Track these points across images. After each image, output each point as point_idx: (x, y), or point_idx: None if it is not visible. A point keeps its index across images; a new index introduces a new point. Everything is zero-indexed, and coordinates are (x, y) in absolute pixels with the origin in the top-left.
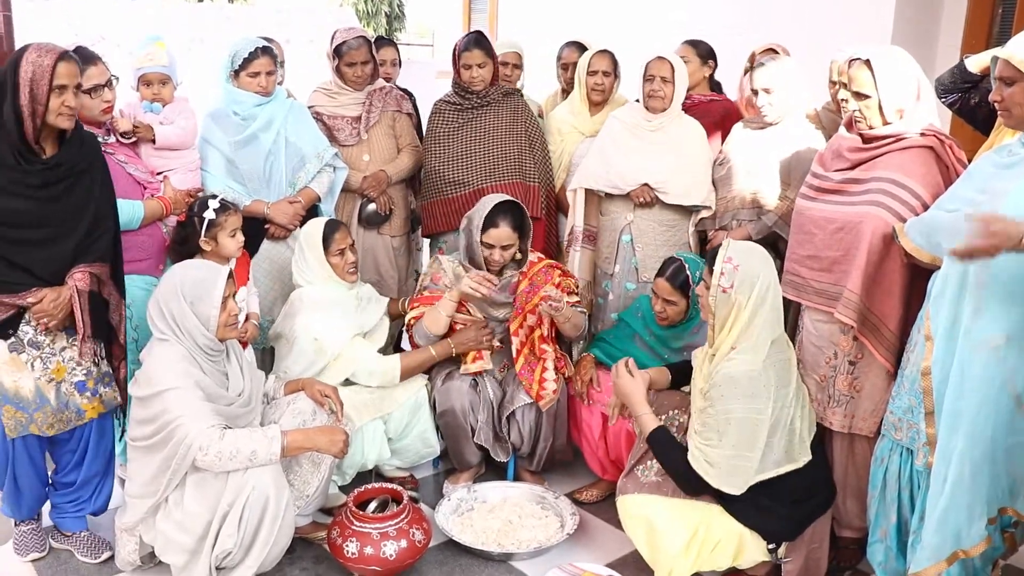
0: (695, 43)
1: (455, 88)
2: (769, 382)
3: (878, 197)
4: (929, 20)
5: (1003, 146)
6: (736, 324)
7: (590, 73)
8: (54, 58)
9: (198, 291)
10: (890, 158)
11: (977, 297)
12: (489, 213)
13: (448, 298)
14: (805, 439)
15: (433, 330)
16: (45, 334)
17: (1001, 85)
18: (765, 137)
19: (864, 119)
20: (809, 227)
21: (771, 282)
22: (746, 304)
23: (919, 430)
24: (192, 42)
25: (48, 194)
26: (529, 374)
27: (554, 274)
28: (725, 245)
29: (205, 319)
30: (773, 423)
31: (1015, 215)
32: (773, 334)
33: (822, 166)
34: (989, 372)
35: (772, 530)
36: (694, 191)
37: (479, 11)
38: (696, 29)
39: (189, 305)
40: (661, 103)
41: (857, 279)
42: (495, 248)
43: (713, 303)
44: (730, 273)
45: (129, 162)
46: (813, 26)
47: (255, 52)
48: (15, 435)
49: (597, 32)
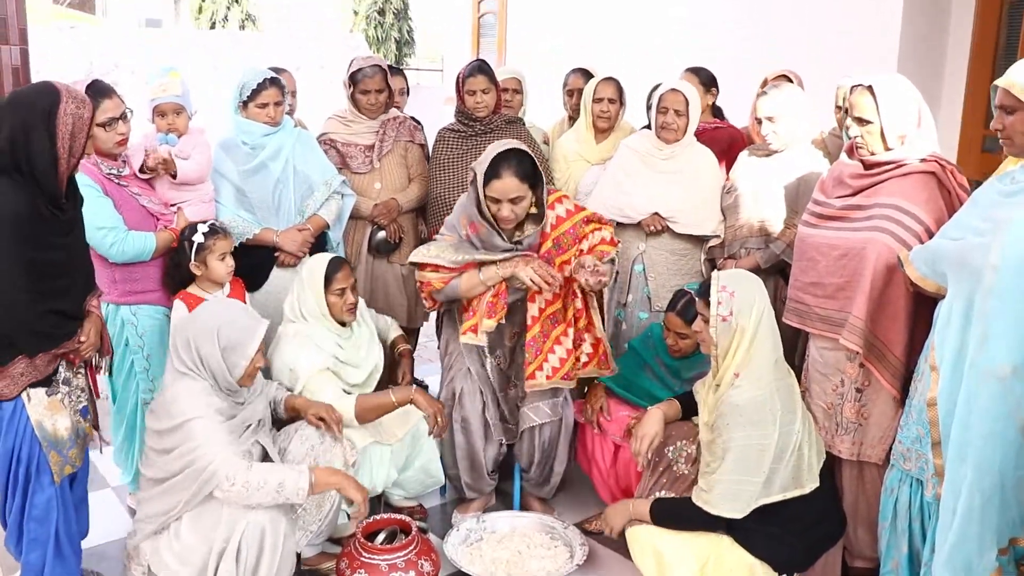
0: (697, 71)
1: (458, 116)
2: (775, 408)
3: (881, 223)
4: (935, 44)
5: (1006, 173)
6: (739, 350)
7: (596, 100)
8: (91, 111)
9: (234, 340)
10: (892, 184)
11: (983, 327)
12: (491, 163)
13: (498, 272)
14: (814, 465)
15: (467, 295)
16: (72, 369)
17: (1002, 114)
18: (771, 165)
19: (866, 144)
20: (812, 254)
21: (766, 304)
22: (748, 327)
23: (928, 460)
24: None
25: (70, 239)
26: (536, 349)
27: (585, 230)
28: (715, 276)
29: (232, 366)
30: (779, 449)
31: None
32: (774, 355)
33: (824, 193)
34: (996, 403)
35: (783, 560)
36: (705, 221)
37: (488, 36)
38: (703, 56)
39: (221, 350)
40: (674, 135)
41: (862, 305)
42: (503, 203)
43: (715, 333)
44: (727, 301)
45: (143, 194)
46: (820, 50)
47: (263, 83)
48: (59, 480)
49: (604, 58)
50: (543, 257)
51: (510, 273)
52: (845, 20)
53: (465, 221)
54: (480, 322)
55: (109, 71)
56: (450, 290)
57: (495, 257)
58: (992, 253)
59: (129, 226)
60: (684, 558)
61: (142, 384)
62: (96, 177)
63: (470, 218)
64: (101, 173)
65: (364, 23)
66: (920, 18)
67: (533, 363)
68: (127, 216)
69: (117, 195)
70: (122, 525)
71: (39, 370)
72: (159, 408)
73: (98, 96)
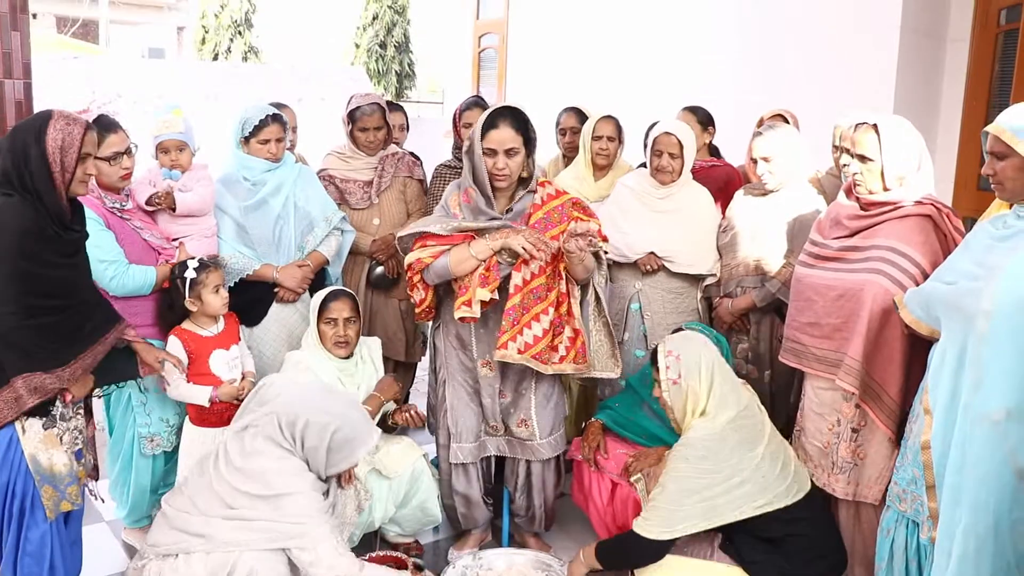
0: (694, 109)
1: (455, 151)
2: (726, 442)
3: (878, 265)
4: (931, 79)
5: (999, 216)
6: (696, 409)
7: (595, 138)
8: (83, 128)
9: (344, 448)
10: (889, 226)
11: (977, 372)
12: (488, 116)
13: (488, 244)
14: (791, 475)
15: (457, 270)
16: (70, 406)
17: (993, 159)
18: (767, 204)
19: (864, 183)
20: (809, 294)
21: (714, 359)
22: (699, 389)
23: (923, 502)
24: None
25: (76, 261)
26: (514, 319)
27: (573, 213)
28: (661, 343)
29: (331, 465)
30: (729, 474)
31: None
32: (735, 405)
33: (821, 233)
34: (990, 447)
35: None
36: (701, 260)
37: (488, 69)
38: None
39: (326, 451)
40: (670, 177)
41: (858, 346)
42: (499, 154)
43: (668, 397)
44: (674, 365)
45: (145, 228)
46: (818, 87)
47: (265, 120)
48: (53, 516)
49: (603, 92)
50: (534, 227)
51: (500, 245)
52: (842, 57)
53: (457, 195)
54: (474, 294)
55: (111, 101)
56: (440, 267)
57: (484, 226)
58: (985, 299)
59: (130, 260)
60: None
61: (139, 418)
62: (99, 211)
63: (462, 187)
64: (104, 206)
65: (365, 56)
66: (916, 53)
67: (508, 332)
68: (128, 250)
69: (119, 229)
70: (117, 560)
71: (37, 392)
72: (249, 470)
73: (103, 131)
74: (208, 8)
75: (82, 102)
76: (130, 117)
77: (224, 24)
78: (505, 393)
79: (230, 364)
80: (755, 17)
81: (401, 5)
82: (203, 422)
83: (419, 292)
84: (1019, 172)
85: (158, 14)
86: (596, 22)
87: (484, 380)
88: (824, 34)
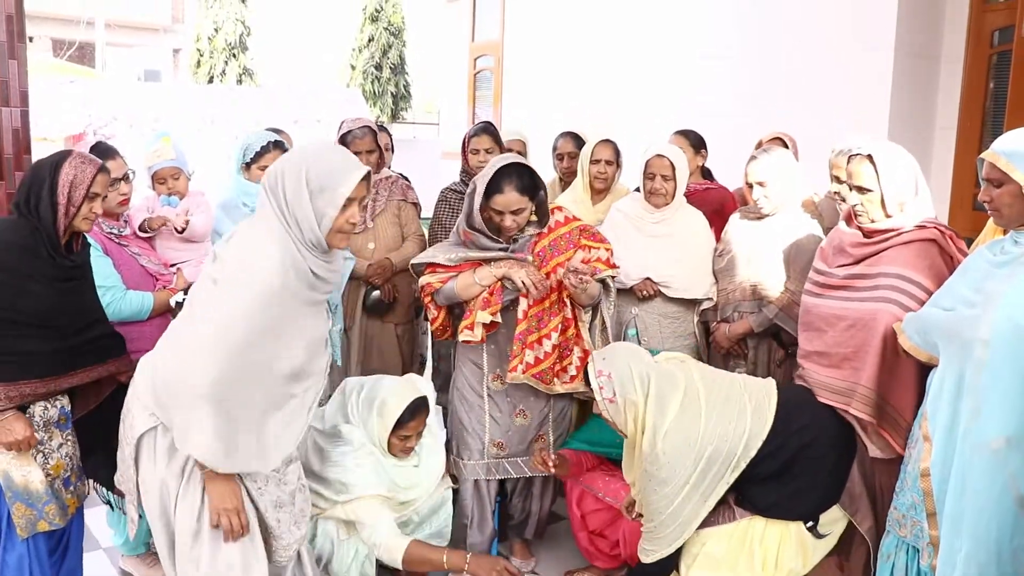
0: (686, 133)
1: (462, 175)
2: (680, 445)
3: (888, 293)
4: (925, 100)
5: (996, 242)
6: (639, 417)
7: (593, 162)
8: (95, 169)
9: (323, 181)
10: (895, 252)
11: (976, 400)
12: (492, 179)
13: (491, 272)
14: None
15: (463, 295)
16: (44, 429)
17: (989, 186)
18: (763, 228)
19: (866, 212)
20: (819, 324)
21: (643, 364)
22: (638, 398)
23: (923, 528)
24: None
25: (68, 287)
26: (522, 343)
27: (580, 240)
28: (590, 363)
29: (320, 215)
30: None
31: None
32: (677, 391)
33: (824, 262)
34: (990, 474)
35: (813, 507)
36: (697, 284)
37: (484, 89)
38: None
39: (309, 193)
40: (663, 200)
41: (872, 375)
42: (505, 214)
43: (609, 416)
44: (607, 384)
45: (142, 254)
46: (813, 109)
47: (267, 146)
48: (26, 534)
49: (598, 114)
50: (538, 255)
51: (502, 274)
52: (837, 77)
53: (462, 229)
54: (475, 317)
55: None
56: (448, 290)
57: (488, 255)
58: (983, 327)
59: (128, 285)
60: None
61: None
62: (97, 237)
63: (461, 227)
64: (102, 232)
65: (361, 78)
66: (911, 74)
67: (518, 356)
68: (126, 275)
69: (117, 255)
70: None
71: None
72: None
73: (101, 156)
74: (203, 31)
75: (79, 126)
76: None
77: (219, 47)
78: (525, 413)
79: None
80: (751, 38)
81: (397, 27)
82: None
83: (432, 311)
84: (1015, 199)
85: (154, 37)
86: (591, 44)
87: (496, 396)
88: (820, 55)
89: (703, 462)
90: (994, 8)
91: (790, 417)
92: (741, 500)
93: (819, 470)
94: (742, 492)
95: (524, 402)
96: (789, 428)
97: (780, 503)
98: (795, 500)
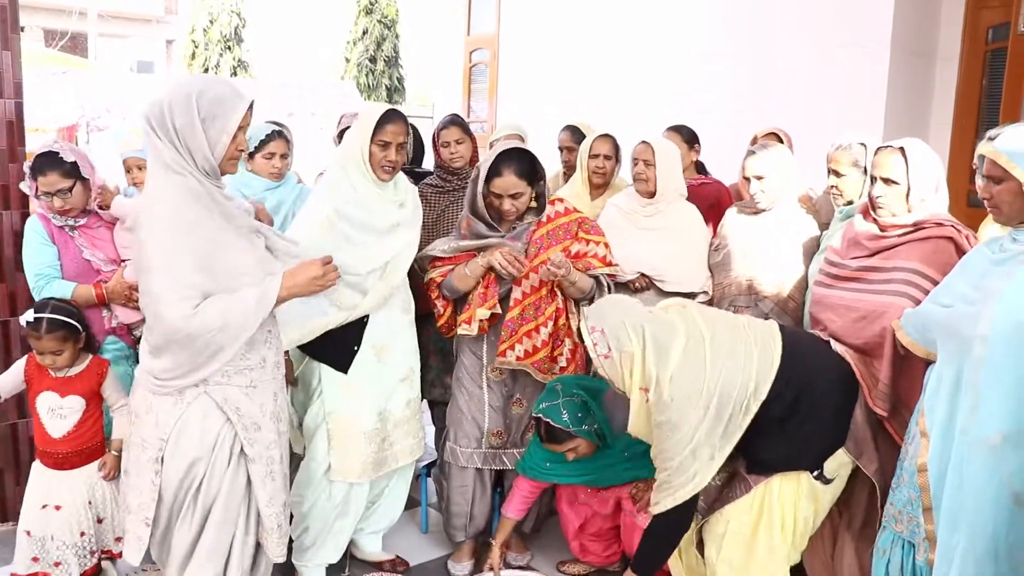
0: (679, 128)
1: (437, 171)
2: (690, 391)
3: (902, 288)
4: (920, 96)
5: (995, 240)
6: (635, 364)
7: (592, 156)
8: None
9: (215, 110)
10: (911, 248)
11: (974, 397)
12: (493, 163)
13: (479, 262)
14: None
15: (460, 287)
16: None
17: (989, 183)
18: (759, 223)
19: (888, 206)
20: (828, 314)
21: (636, 313)
22: (634, 348)
23: (919, 523)
24: None
25: None
26: (512, 329)
27: (577, 232)
28: (583, 321)
29: (214, 143)
30: (723, 396)
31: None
32: (680, 336)
33: (838, 254)
34: (987, 471)
35: (820, 450)
36: (691, 278)
37: (480, 82)
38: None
39: (201, 121)
40: (646, 186)
41: (887, 370)
42: (504, 197)
43: (605, 372)
44: (600, 339)
45: (87, 248)
46: (808, 106)
47: (272, 135)
48: None
49: (594, 108)
50: (535, 243)
51: (485, 263)
52: (833, 74)
53: (466, 220)
54: (474, 312)
55: (100, 115)
56: (447, 283)
57: (484, 244)
58: (981, 324)
59: (68, 276)
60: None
61: None
62: (47, 226)
63: (466, 215)
64: (53, 224)
65: (356, 70)
66: (906, 71)
67: (507, 341)
68: (67, 265)
69: (63, 245)
70: None
71: None
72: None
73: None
74: (197, 22)
75: (71, 117)
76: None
77: (214, 38)
78: (522, 401)
79: (53, 410)
80: (746, 34)
81: (391, 20)
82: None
83: (438, 308)
84: (1015, 196)
85: (147, 27)
86: (587, 38)
87: (495, 385)
88: (815, 52)
89: (714, 405)
90: (989, 5)
91: (794, 359)
92: (751, 467)
93: (824, 413)
94: (750, 453)
95: (521, 391)
96: (794, 370)
97: (790, 455)
98: (803, 448)
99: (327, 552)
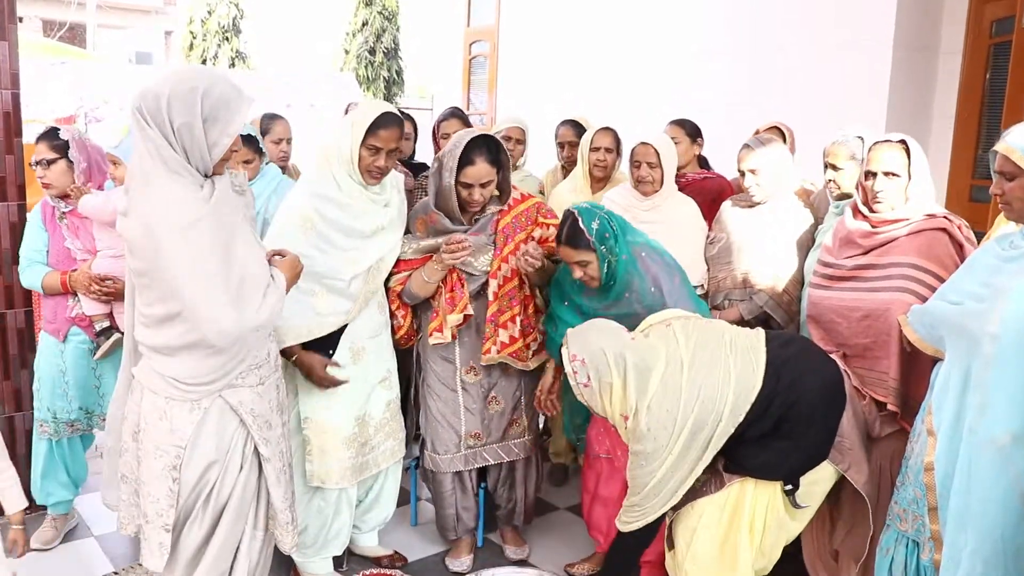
0: (682, 123)
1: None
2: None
3: (902, 283)
4: (923, 94)
5: (1005, 236)
6: (615, 394)
7: (592, 150)
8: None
9: (219, 112)
10: (907, 242)
11: (983, 396)
12: (464, 151)
13: (435, 266)
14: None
15: (420, 293)
16: None
17: (1001, 179)
18: (754, 216)
19: (886, 200)
20: (830, 316)
21: (618, 342)
22: (613, 379)
23: (924, 523)
24: None
25: None
26: (494, 326)
27: (536, 217)
28: (564, 347)
29: (212, 145)
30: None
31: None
32: (659, 362)
33: (831, 254)
34: (996, 471)
35: (801, 461)
36: (688, 271)
37: (479, 74)
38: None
39: (203, 122)
40: (651, 187)
41: (895, 367)
42: (474, 187)
43: (585, 401)
44: (580, 368)
45: (69, 236)
46: (810, 100)
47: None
48: None
49: (594, 101)
50: (503, 232)
51: (441, 264)
52: (835, 68)
53: (422, 219)
54: (444, 320)
55: (98, 106)
56: (407, 291)
57: (435, 241)
58: (991, 322)
59: (51, 262)
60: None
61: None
62: (45, 212)
63: (426, 211)
64: (48, 209)
65: (355, 62)
66: (909, 65)
67: (490, 339)
68: (53, 251)
69: (53, 232)
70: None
71: None
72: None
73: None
74: (196, 13)
75: (70, 108)
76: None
77: (212, 30)
78: (498, 399)
79: None
80: (748, 29)
81: (391, 11)
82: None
83: (398, 319)
84: None
85: (145, 18)
86: (587, 31)
87: (471, 387)
88: (817, 46)
89: (686, 432)
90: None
91: (780, 375)
92: (729, 464)
93: (809, 430)
94: (730, 455)
95: (496, 388)
96: (779, 387)
97: (769, 461)
98: (783, 457)
99: (330, 547)
